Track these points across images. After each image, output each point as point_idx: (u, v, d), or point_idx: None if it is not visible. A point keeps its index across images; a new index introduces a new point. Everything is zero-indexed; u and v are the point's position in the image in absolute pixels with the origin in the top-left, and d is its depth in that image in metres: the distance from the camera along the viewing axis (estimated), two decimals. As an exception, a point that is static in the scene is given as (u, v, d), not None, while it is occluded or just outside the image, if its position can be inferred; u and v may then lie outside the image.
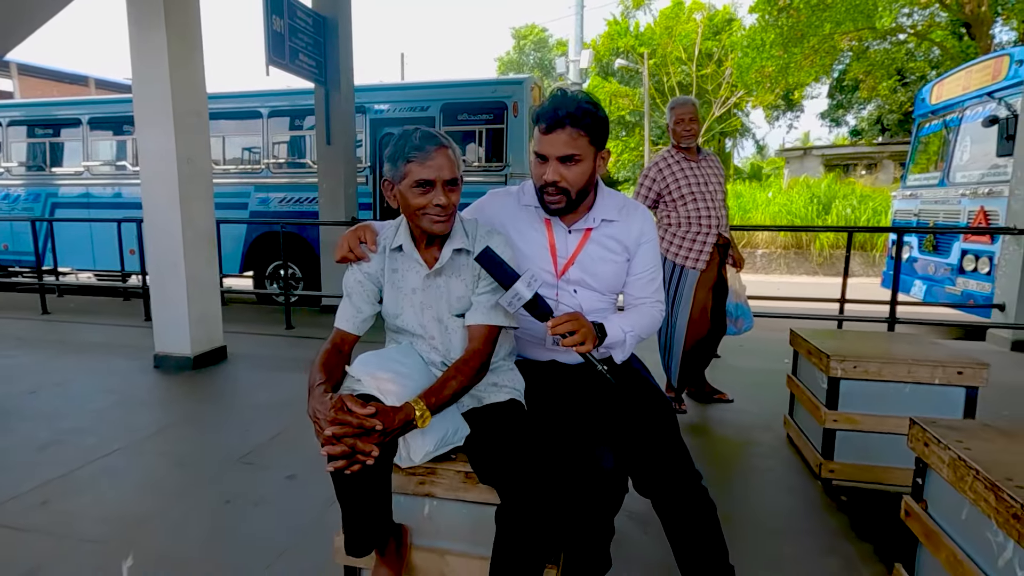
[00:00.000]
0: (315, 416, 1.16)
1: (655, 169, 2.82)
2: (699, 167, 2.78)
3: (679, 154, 2.81)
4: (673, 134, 2.81)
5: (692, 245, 2.76)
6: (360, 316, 1.37)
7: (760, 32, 14.53)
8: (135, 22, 3.50)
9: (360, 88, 5.90)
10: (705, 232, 2.75)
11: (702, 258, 2.76)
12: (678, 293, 2.80)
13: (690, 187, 2.73)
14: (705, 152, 2.87)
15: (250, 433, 2.67)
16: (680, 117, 2.76)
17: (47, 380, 3.43)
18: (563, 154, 1.34)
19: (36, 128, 7.42)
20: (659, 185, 2.79)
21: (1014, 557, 1.14)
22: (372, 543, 1.28)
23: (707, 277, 2.80)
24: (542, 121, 1.34)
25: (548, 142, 1.35)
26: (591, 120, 1.33)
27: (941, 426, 1.45)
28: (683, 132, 2.75)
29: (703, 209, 2.73)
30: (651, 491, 1.32)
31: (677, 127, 2.77)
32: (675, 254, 2.80)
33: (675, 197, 2.76)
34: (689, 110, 2.76)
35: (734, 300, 3.03)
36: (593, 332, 1.27)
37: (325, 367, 1.27)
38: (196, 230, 3.73)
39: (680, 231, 2.78)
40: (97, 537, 1.84)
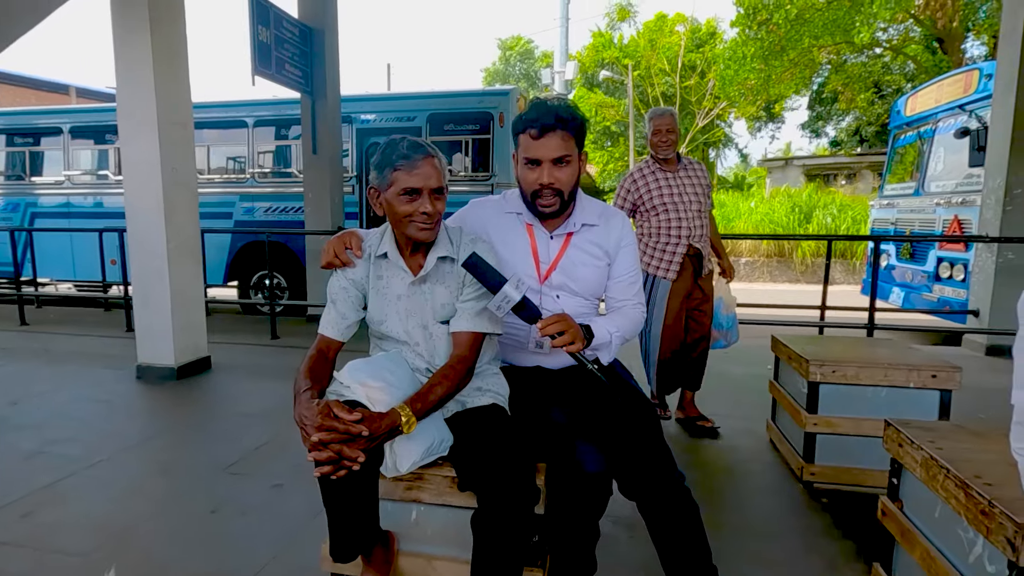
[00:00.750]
0: (302, 422, 1.17)
1: (630, 179, 2.84)
2: (676, 177, 2.78)
3: (655, 164, 2.81)
4: (651, 144, 2.82)
5: (663, 256, 2.76)
6: (345, 322, 1.38)
7: (741, 45, 14.83)
8: (120, 31, 3.50)
9: (346, 98, 5.92)
10: (675, 243, 2.74)
11: (672, 268, 2.75)
12: (651, 302, 2.79)
13: (662, 198, 2.74)
14: (687, 161, 2.87)
15: (235, 443, 2.65)
16: (657, 128, 2.77)
17: (28, 391, 3.37)
18: (557, 156, 1.39)
19: (15, 137, 7.31)
20: (634, 195, 2.81)
21: (984, 552, 1.18)
22: (357, 549, 1.28)
23: (679, 287, 2.80)
24: (533, 127, 1.38)
25: (541, 146, 1.39)
26: (577, 123, 1.40)
27: (914, 427, 1.50)
28: (659, 143, 2.76)
29: (674, 220, 2.73)
30: (635, 493, 1.35)
31: (654, 138, 2.78)
32: (647, 263, 2.81)
33: (648, 207, 2.77)
34: (667, 121, 2.76)
35: (724, 312, 2.98)
36: (581, 333, 1.30)
37: (311, 373, 1.28)
38: (180, 239, 3.71)
39: (652, 241, 2.79)
40: (80, 550, 1.81)
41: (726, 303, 2.97)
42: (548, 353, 1.49)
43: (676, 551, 1.35)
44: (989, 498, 1.12)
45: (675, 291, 2.78)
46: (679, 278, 2.77)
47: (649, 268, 2.79)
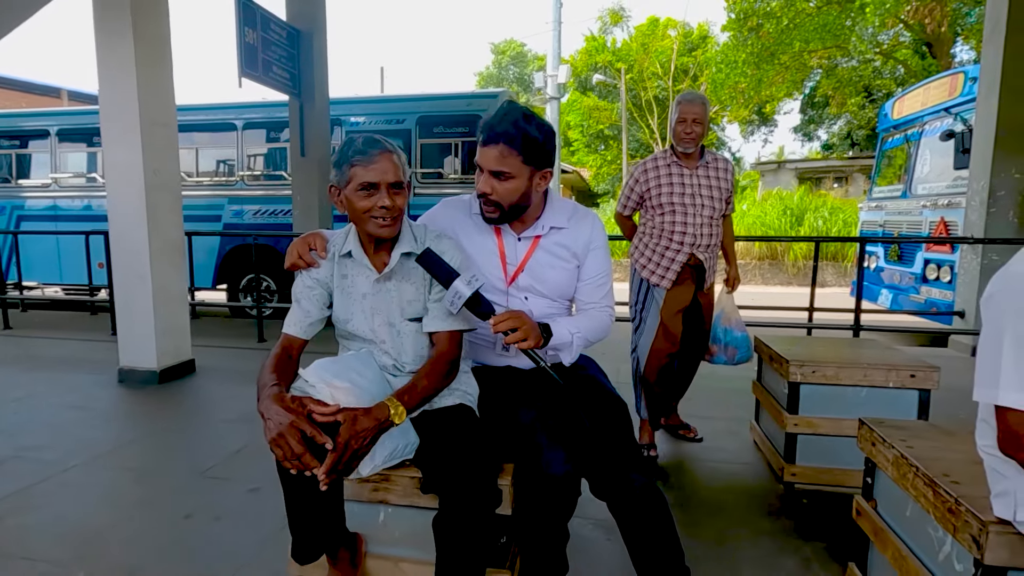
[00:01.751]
0: (265, 415, 1.14)
1: (640, 169, 2.52)
2: (692, 175, 2.44)
3: (672, 157, 2.47)
4: (673, 134, 2.45)
5: (660, 260, 2.47)
6: (308, 320, 1.37)
7: (733, 50, 14.93)
8: (102, 32, 3.47)
9: (336, 101, 5.91)
10: (676, 248, 2.44)
11: (667, 276, 2.46)
12: (644, 311, 2.55)
13: (671, 196, 2.42)
14: (711, 158, 2.50)
15: (214, 447, 2.62)
16: (683, 116, 2.40)
17: (6, 396, 3.33)
18: (494, 169, 1.36)
19: (2, 139, 7.26)
20: (641, 187, 2.51)
21: (952, 551, 1.17)
22: (319, 550, 1.27)
23: (676, 297, 2.49)
24: (481, 133, 1.37)
25: (482, 155, 1.38)
26: (523, 141, 1.34)
27: (888, 426, 1.49)
28: (682, 133, 2.40)
29: (679, 224, 2.42)
30: (605, 493, 1.34)
31: (678, 127, 2.41)
32: (643, 266, 2.54)
33: (654, 204, 2.46)
34: (695, 110, 2.38)
35: (723, 324, 2.66)
36: (537, 330, 1.29)
37: (277, 370, 1.26)
38: (164, 241, 3.68)
39: (651, 242, 2.50)
40: (49, 556, 1.78)
41: (727, 314, 2.68)
42: (515, 355, 1.48)
43: (647, 552, 1.34)
44: (956, 496, 1.12)
45: (671, 300, 2.49)
46: (676, 287, 2.48)
47: (644, 271, 2.53)
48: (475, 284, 1.24)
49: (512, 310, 1.29)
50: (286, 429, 1.08)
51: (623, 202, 2.62)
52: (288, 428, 1.08)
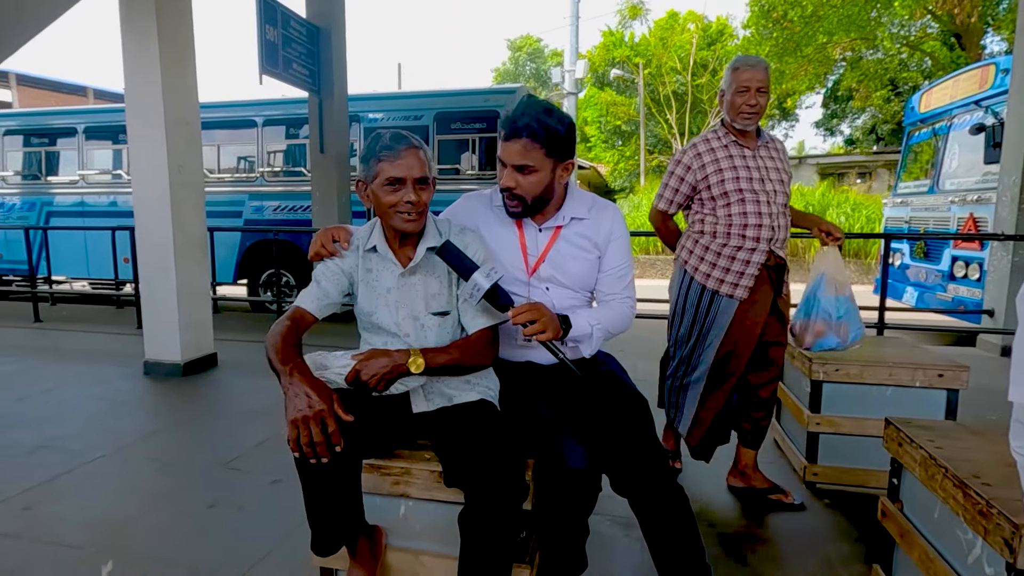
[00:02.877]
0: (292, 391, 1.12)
1: (692, 153, 2.04)
2: (756, 157, 2.01)
3: (729, 136, 2.02)
4: (729, 107, 2.00)
5: (731, 264, 1.98)
6: (325, 300, 1.37)
7: (755, 44, 14.69)
8: (128, 32, 3.54)
9: (354, 97, 5.94)
10: (751, 247, 1.96)
11: (743, 283, 1.98)
12: (705, 327, 2.05)
13: (738, 182, 1.96)
14: (767, 137, 2.08)
15: (237, 439, 2.67)
16: (744, 84, 1.94)
17: (36, 387, 3.42)
18: (517, 163, 1.37)
19: (32, 137, 7.45)
20: (696, 176, 2.02)
21: (982, 554, 1.14)
22: (338, 542, 1.28)
23: (753, 310, 2.00)
24: (502, 128, 1.37)
25: (505, 150, 1.38)
26: (546, 134, 1.34)
27: (915, 426, 1.46)
28: (744, 106, 1.95)
29: (753, 215, 1.95)
30: (626, 490, 1.33)
31: (738, 98, 1.96)
32: (705, 274, 2.03)
33: (715, 194, 1.99)
34: (759, 76, 1.94)
35: (828, 292, 2.11)
36: (556, 322, 1.29)
37: (293, 343, 1.25)
38: (187, 237, 3.75)
39: (716, 243, 2.01)
40: (77, 542, 1.83)
41: (830, 279, 2.09)
42: (535, 348, 1.48)
43: (668, 549, 1.33)
44: (987, 498, 1.09)
45: (745, 314, 2.00)
46: (752, 296, 2.00)
47: (708, 280, 2.02)
48: (494, 276, 1.24)
49: (531, 302, 1.29)
50: (312, 415, 1.09)
51: (668, 196, 2.11)
52: (315, 414, 1.09)
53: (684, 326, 2.12)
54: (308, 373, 1.16)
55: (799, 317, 2.16)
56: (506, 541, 1.19)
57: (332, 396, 1.14)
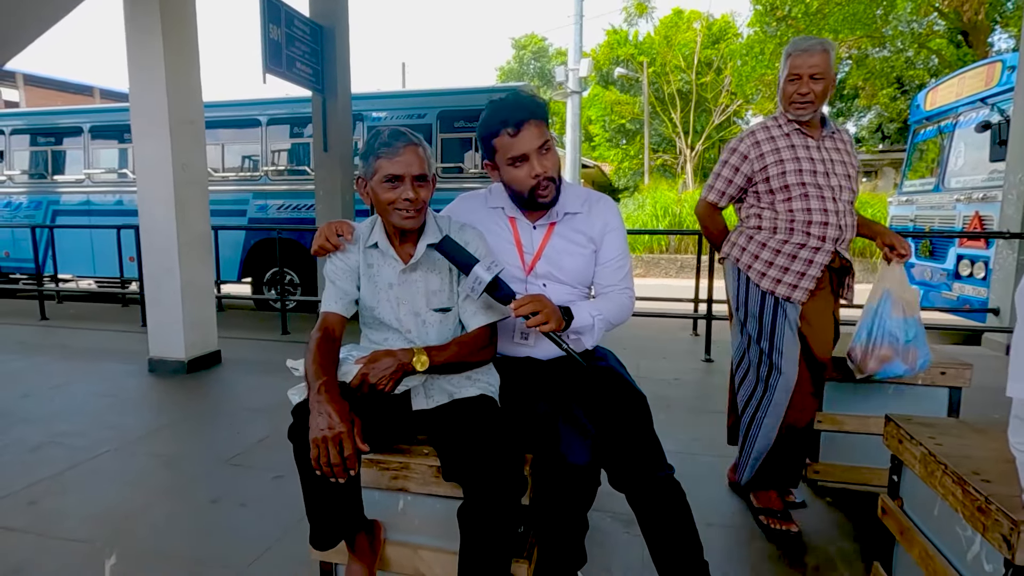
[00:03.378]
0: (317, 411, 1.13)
1: (749, 141, 1.86)
2: (820, 148, 1.83)
3: (792, 124, 1.84)
4: (781, 95, 1.83)
5: (790, 263, 1.81)
6: (347, 297, 1.39)
7: (759, 42, 14.63)
8: (132, 32, 3.56)
9: (357, 96, 5.96)
10: (815, 246, 1.79)
11: (803, 284, 1.80)
12: (775, 338, 1.82)
13: (800, 175, 1.79)
14: (833, 127, 1.88)
15: (240, 435, 2.69)
16: (796, 70, 1.77)
17: (42, 384, 3.45)
18: (540, 143, 1.38)
19: (38, 136, 7.50)
20: (752, 167, 1.84)
21: (981, 551, 1.14)
22: (337, 536, 1.29)
23: (820, 312, 1.83)
24: (507, 126, 1.36)
25: (524, 139, 1.37)
26: (542, 111, 1.39)
27: (915, 423, 1.46)
28: (796, 96, 1.78)
29: (818, 211, 1.78)
30: (624, 485, 1.33)
31: (790, 86, 1.79)
32: (760, 273, 1.84)
33: (775, 187, 1.81)
34: (811, 61, 1.75)
35: (896, 314, 1.86)
36: (558, 313, 1.29)
37: (323, 358, 1.25)
38: (191, 235, 3.77)
39: (775, 239, 1.83)
40: (82, 536, 1.85)
41: (897, 298, 1.86)
42: (533, 345, 1.48)
43: (666, 544, 1.34)
44: (986, 495, 1.08)
45: (813, 316, 1.83)
46: (814, 299, 1.82)
47: (763, 280, 1.84)
48: (495, 269, 1.25)
49: (533, 294, 1.29)
50: (332, 436, 1.10)
51: (720, 188, 1.92)
52: (334, 436, 1.10)
53: (752, 334, 1.90)
54: (335, 392, 1.17)
55: (859, 340, 1.90)
56: (505, 536, 1.19)
57: (354, 419, 1.15)
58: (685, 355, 4.24)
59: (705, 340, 4.19)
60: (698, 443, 2.63)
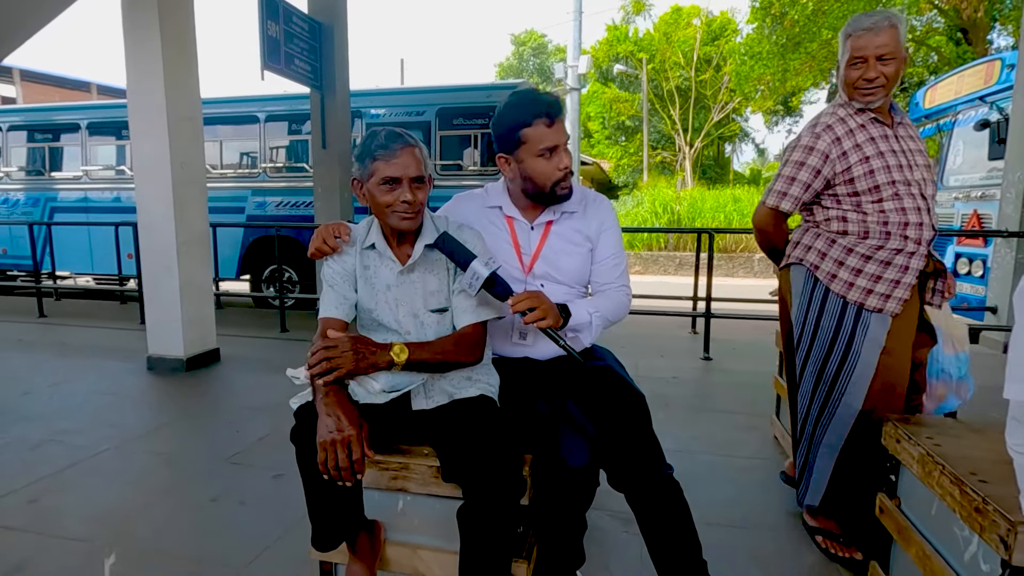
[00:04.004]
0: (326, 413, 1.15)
1: (828, 137, 1.63)
2: (898, 138, 1.63)
3: (864, 114, 1.63)
4: (844, 82, 1.63)
5: (883, 271, 1.60)
6: (348, 303, 1.38)
7: (757, 41, 14.61)
8: (130, 29, 3.54)
9: (356, 93, 5.94)
10: (911, 250, 1.59)
11: (897, 294, 1.60)
12: (850, 352, 1.64)
13: (888, 172, 1.58)
14: (900, 111, 1.68)
15: (239, 434, 2.69)
16: (859, 54, 1.57)
17: (41, 382, 3.45)
18: (566, 140, 1.41)
19: (36, 133, 7.47)
20: (833, 167, 1.63)
21: (978, 551, 1.15)
22: (338, 538, 1.29)
23: (908, 325, 1.63)
24: (545, 114, 1.38)
25: (557, 132, 1.40)
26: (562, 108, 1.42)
27: (913, 423, 1.46)
28: (862, 82, 1.59)
29: (912, 211, 1.58)
30: (623, 485, 1.34)
31: (851, 71, 1.60)
32: (847, 283, 1.65)
33: (861, 188, 1.60)
34: (877, 41, 1.54)
35: (948, 351, 1.76)
36: (555, 310, 1.29)
37: None
38: (189, 233, 3.76)
39: (865, 244, 1.63)
40: (82, 534, 1.85)
41: (947, 335, 1.77)
42: (532, 344, 1.48)
43: (664, 543, 1.34)
44: (983, 495, 1.09)
45: (902, 331, 1.63)
46: (906, 310, 1.63)
47: (851, 291, 1.64)
48: (492, 265, 1.26)
49: (529, 291, 1.30)
50: (341, 440, 1.10)
51: (796, 193, 1.68)
52: (343, 439, 1.10)
53: (818, 353, 1.72)
54: (343, 396, 1.17)
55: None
56: (505, 536, 1.20)
57: (362, 423, 1.15)
58: (684, 353, 4.25)
59: (704, 338, 4.20)
60: (697, 442, 2.63)
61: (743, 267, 11.07)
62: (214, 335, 4.01)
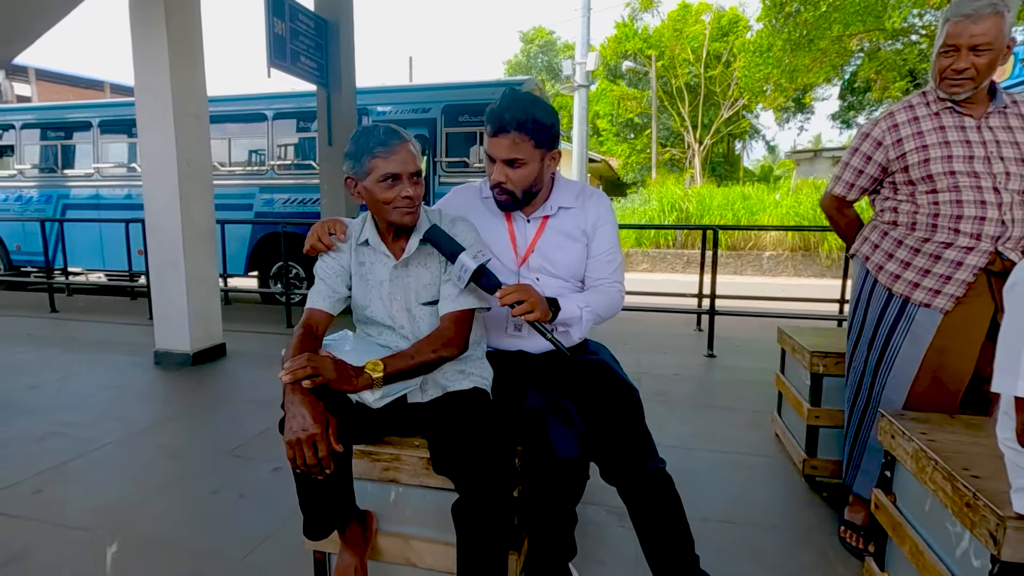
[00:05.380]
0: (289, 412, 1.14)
1: (886, 124, 1.62)
2: (982, 128, 1.53)
3: (942, 103, 1.56)
4: (934, 70, 1.54)
5: (932, 264, 1.55)
6: (336, 296, 1.38)
7: (767, 38, 14.47)
8: (137, 28, 3.58)
9: (362, 90, 5.96)
10: (966, 245, 1.51)
11: (948, 290, 1.53)
12: (890, 345, 1.62)
13: (949, 162, 1.52)
14: (1005, 99, 1.55)
15: (241, 427, 2.72)
16: (952, 41, 1.47)
17: (49, 375, 3.50)
18: (507, 158, 1.37)
19: (48, 131, 7.57)
20: (887, 153, 1.60)
21: (970, 547, 1.14)
22: (328, 527, 1.30)
23: (967, 324, 1.53)
24: (488, 124, 1.37)
25: (494, 145, 1.38)
26: (533, 125, 1.34)
27: (908, 419, 1.45)
28: (951, 72, 1.50)
29: (971, 204, 1.50)
30: (615, 478, 1.34)
31: (942, 59, 1.51)
32: (893, 275, 1.62)
33: (915, 177, 1.56)
34: (974, 30, 1.44)
35: None
36: (544, 303, 1.29)
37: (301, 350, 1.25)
38: (196, 229, 3.80)
39: (913, 236, 1.59)
40: (84, 524, 1.88)
41: None
42: (526, 335, 1.49)
43: (656, 537, 1.35)
44: (974, 490, 1.08)
45: (954, 329, 1.54)
46: (961, 306, 1.54)
47: (897, 283, 1.61)
48: (481, 258, 1.26)
49: (519, 283, 1.29)
50: (306, 438, 1.10)
51: (849, 179, 1.72)
52: (308, 438, 1.10)
53: (863, 344, 1.71)
54: (308, 393, 1.15)
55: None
56: (500, 530, 1.20)
57: (328, 419, 1.14)
58: (687, 350, 4.23)
59: (708, 336, 4.18)
60: (697, 438, 2.62)
61: (751, 265, 10.98)
62: (220, 330, 4.05)
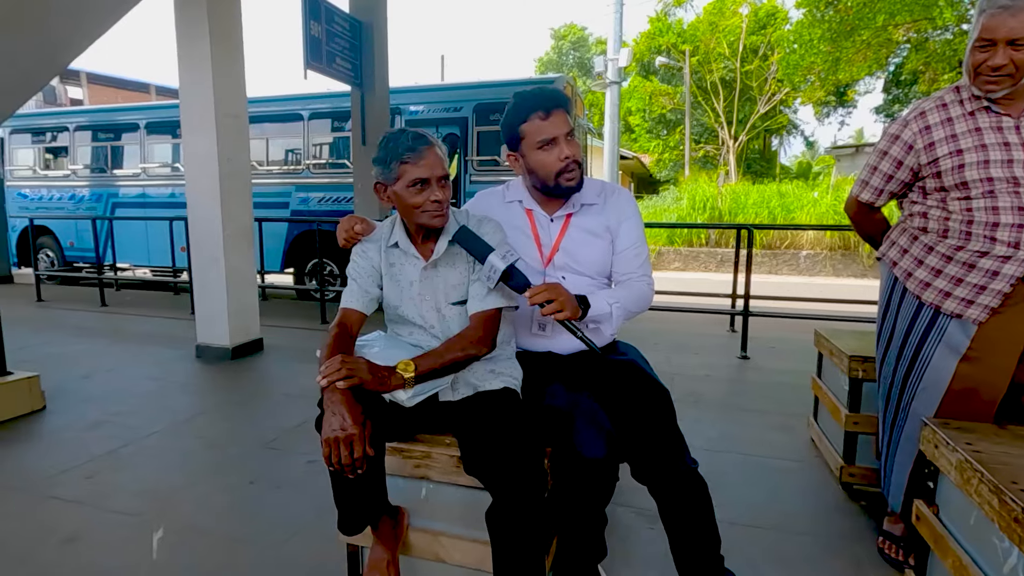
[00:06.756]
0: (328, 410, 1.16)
1: (917, 125, 1.51)
2: (1020, 130, 1.43)
3: (975, 102, 1.46)
4: (968, 65, 1.44)
5: (966, 273, 1.47)
6: (369, 296, 1.42)
7: (807, 27, 14.03)
8: (182, 33, 3.72)
9: (395, 90, 6.04)
10: (1003, 254, 1.42)
11: (982, 300, 1.45)
12: (920, 356, 1.55)
13: (986, 167, 1.42)
14: None
15: (278, 420, 2.80)
16: (988, 35, 1.37)
17: (100, 366, 3.67)
18: (567, 131, 1.42)
19: (99, 132, 7.92)
20: (919, 157, 1.50)
21: (1018, 564, 1.09)
22: (362, 522, 1.33)
23: (1005, 335, 1.46)
24: (540, 108, 1.41)
25: (553, 124, 1.41)
26: (568, 101, 1.45)
27: (952, 427, 1.40)
28: (985, 68, 1.40)
29: (1010, 211, 1.40)
30: (647, 477, 1.34)
31: (977, 54, 1.41)
32: (922, 283, 1.54)
33: (948, 183, 1.46)
34: (1012, 22, 1.34)
35: None
36: (574, 302, 1.30)
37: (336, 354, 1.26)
38: (235, 226, 3.92)
39: (945, 243, 1.50)
40: (132, 510, 1.97)
41: None
42: (551, 336, 1.49)
43: (684, 536, 1.35)
44: (1023, 505, 1.04)
45: (992, 339, 1.47)
46: (996, 317, 1.46)
47: (926, 292, 1.54)
48: (510, 258, 1.27)
49: (548, 283, 1.30)
50: (344, 438, 1.12)
51: (877, 184, 1.61)
52: (345, 438, 1.12)
53: (892, 354, 1.66)
54: (348, 393, 1.17)
55: None
56: (535, 534, 1.20)
57: (366, 422, 1.16)
58: (719, 351, 4.15)
59: (742, 337, 4.10)
60: (726, 440, 2.58)
61: (788, 264, 10.70)
62: (258, 325, 4.17)
